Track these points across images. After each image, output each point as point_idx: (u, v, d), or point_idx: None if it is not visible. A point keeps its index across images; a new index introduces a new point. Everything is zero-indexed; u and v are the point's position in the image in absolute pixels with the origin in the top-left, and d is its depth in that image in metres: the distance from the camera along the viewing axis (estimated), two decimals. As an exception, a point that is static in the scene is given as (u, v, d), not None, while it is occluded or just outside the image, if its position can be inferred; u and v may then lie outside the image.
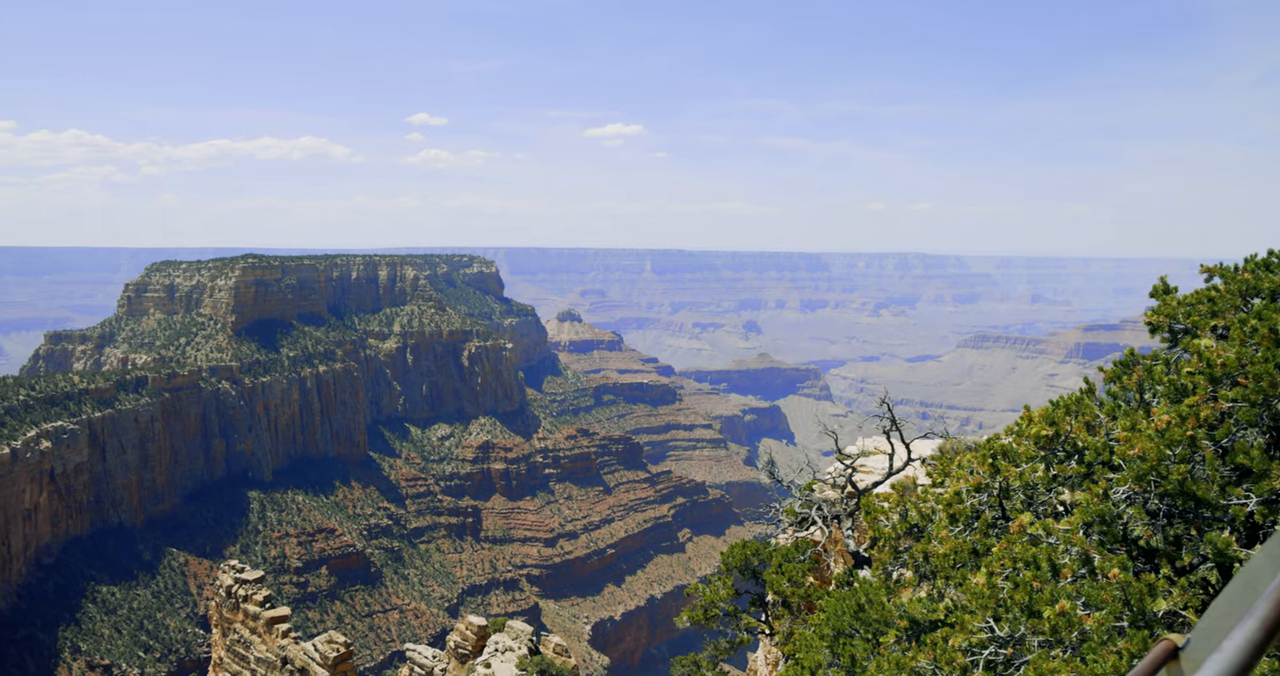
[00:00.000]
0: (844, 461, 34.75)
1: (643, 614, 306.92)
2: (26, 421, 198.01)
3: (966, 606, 17.22)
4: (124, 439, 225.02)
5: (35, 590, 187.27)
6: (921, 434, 34.80)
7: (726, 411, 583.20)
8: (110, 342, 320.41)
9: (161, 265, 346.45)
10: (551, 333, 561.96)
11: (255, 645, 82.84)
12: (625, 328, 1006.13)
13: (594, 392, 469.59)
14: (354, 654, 77.35)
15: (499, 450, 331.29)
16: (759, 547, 33.02)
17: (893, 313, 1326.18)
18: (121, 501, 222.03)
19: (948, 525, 20.89)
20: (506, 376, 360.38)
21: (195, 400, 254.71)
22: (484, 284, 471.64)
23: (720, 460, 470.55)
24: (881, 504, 25.33)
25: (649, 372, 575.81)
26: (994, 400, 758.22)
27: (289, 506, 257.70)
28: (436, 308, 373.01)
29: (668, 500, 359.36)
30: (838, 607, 22.31)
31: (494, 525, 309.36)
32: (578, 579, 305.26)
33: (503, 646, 66.43)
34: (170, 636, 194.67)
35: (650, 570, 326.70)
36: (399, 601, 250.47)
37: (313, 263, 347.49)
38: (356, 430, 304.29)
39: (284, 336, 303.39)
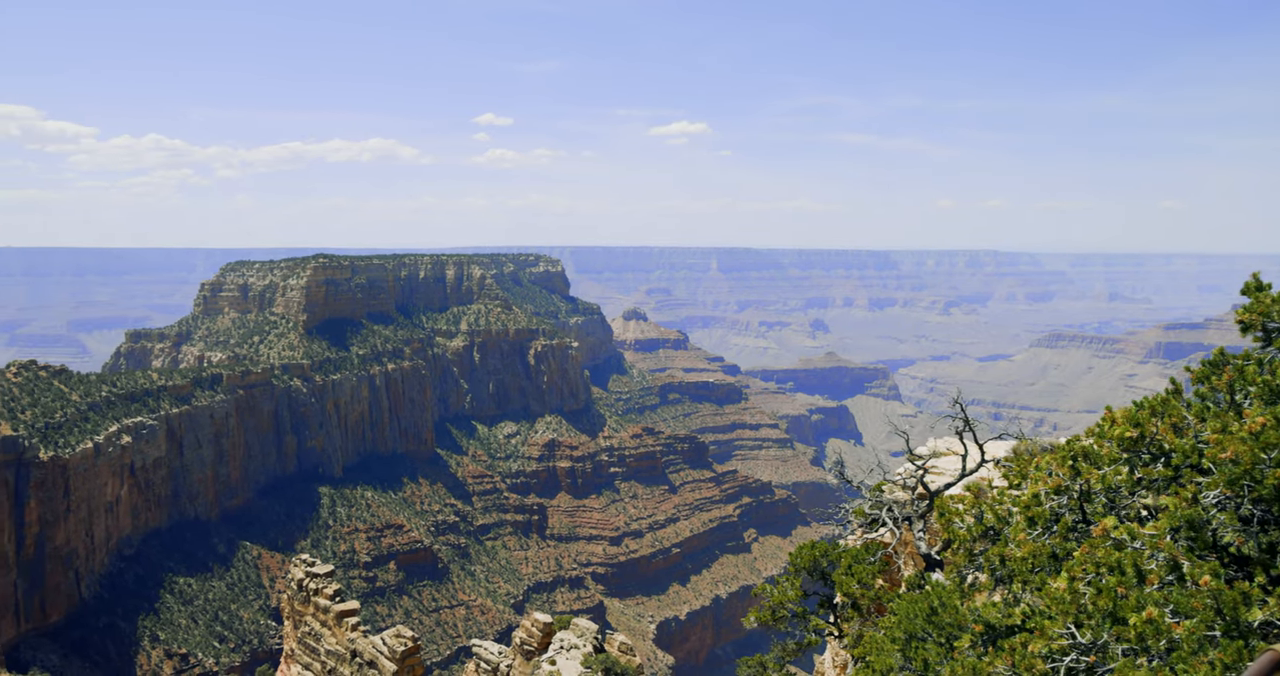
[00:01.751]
0: (915, 462, 34.05)
1: (708, 613, 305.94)
2: (109, 417, 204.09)
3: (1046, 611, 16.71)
4: (200, 434, 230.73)
5: (117, 580, 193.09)
6: (995, 435, 33.93)
7: (793, 411, 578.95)
8: (187, 341, 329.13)
9: (235, 265, 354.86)
10: (617, 331, 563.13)
11: (325, 638, 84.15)
12: (691, 326, 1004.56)
13: (659, 391, 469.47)
14: (421, 648, 78.17)
15: (565, 448, 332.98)
16: (828, 548, 32.49)
17: (963, 311, 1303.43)
18: (198, 495, 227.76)
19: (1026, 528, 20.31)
20: (572, 375, 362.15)
21: (268, 397, 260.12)
22: (550, 283, 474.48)
23: (786, 460, 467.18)
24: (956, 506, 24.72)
25: (714, 371, 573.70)
26: (1069, 401, 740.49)
27: (358, 502, 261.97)
28: (503, 306, 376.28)
29: (733, 500, 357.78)
30: (910, 610, 21.85)
31: (559, 523, 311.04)
32: (643, 578, 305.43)
33: (568, 644, 66.59)
34: (244, 627, 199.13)
35: (715, 570, 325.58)
36: (465, 597, 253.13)
37: (381, 262, 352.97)
38: (424, 427, 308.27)
39: (354, 335, 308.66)
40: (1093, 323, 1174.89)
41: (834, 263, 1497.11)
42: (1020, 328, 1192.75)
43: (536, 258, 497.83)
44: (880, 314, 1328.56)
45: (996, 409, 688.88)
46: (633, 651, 66.09)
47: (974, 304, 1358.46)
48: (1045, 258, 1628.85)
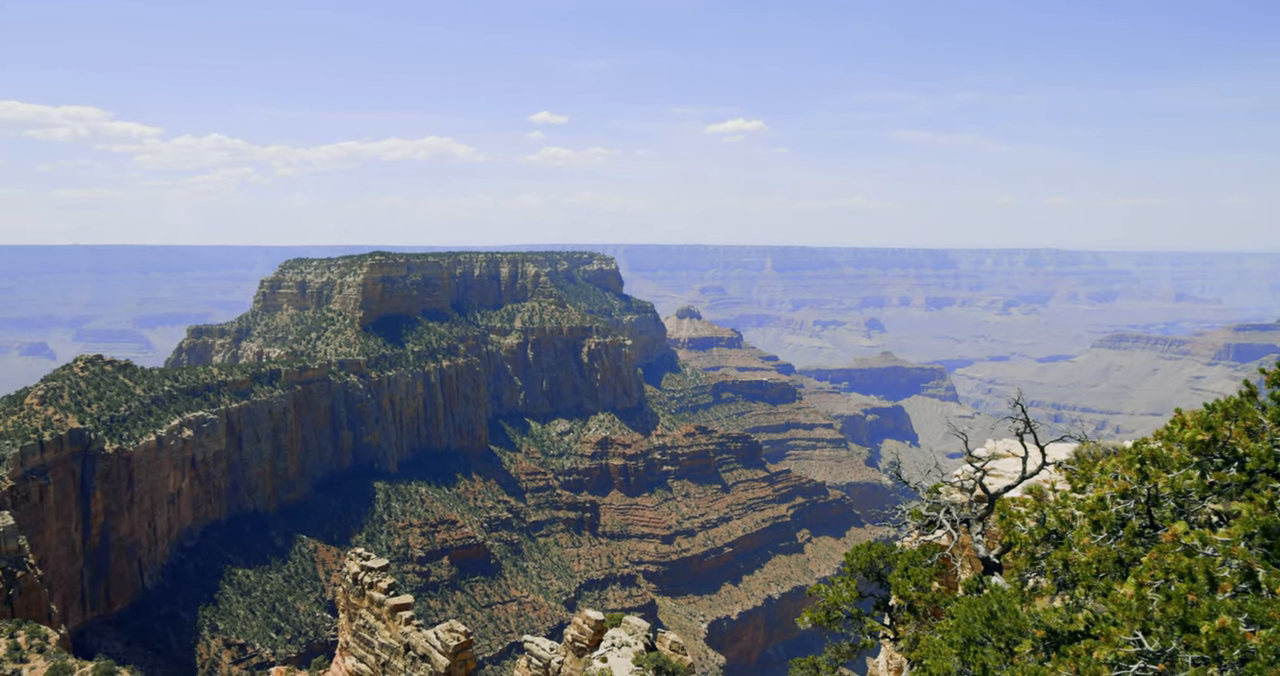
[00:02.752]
0: (973, 464, 33.38)
1: (760, 614, 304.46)
2: (171, 411, 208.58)
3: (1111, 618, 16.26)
4: (258, 429, 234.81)
5: (178, 570, 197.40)
6: (1056, 437, 33.13)
7: (848, 411, 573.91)
8: (246, 337, 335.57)
9: (294, 263, 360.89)
10: (670, 330, 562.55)
11: (379, 631, 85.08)
12: (745, 325, 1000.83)
13: (713, 390, 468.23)
14: (474, 643, 78.67)
15: (617, 446, 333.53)
16: (884, 550, 32.01)
17: (1023, 311, 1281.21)
18: (256, 488, 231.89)
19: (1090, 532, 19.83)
20: (625, 373, 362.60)
21: (325, 393, 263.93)
22: (604, 281, 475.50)
23: (841, 460, 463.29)
24: (1017, 508, 24.20)
25: (768, 370, 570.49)
26: (1133, 403, 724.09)
27: (412, 497, 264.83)
28: (557, 304, 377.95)
29: (786, 500, 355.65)
30: (968, 614, 21.47)
31: (611, 520, 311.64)
32: (694, 577, 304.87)
33: (619, 641, 66.53)
34: (300, 619, 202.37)
35: (768, 570, 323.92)
36: (517, 593, 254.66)
37: (437, 260, 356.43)
38: (478, 424, 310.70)
39: (409, 332, 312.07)
40: (1158, 323, 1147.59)
41: (890, 261, 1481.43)
42: (1082, 328, 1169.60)
43: (590, 256, 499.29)
44: (937, 313, 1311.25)
45: (1057, 411, 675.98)
46: (684, 650, 65.86)
47: (1034, 303, 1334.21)
48: (1109, 256, 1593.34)
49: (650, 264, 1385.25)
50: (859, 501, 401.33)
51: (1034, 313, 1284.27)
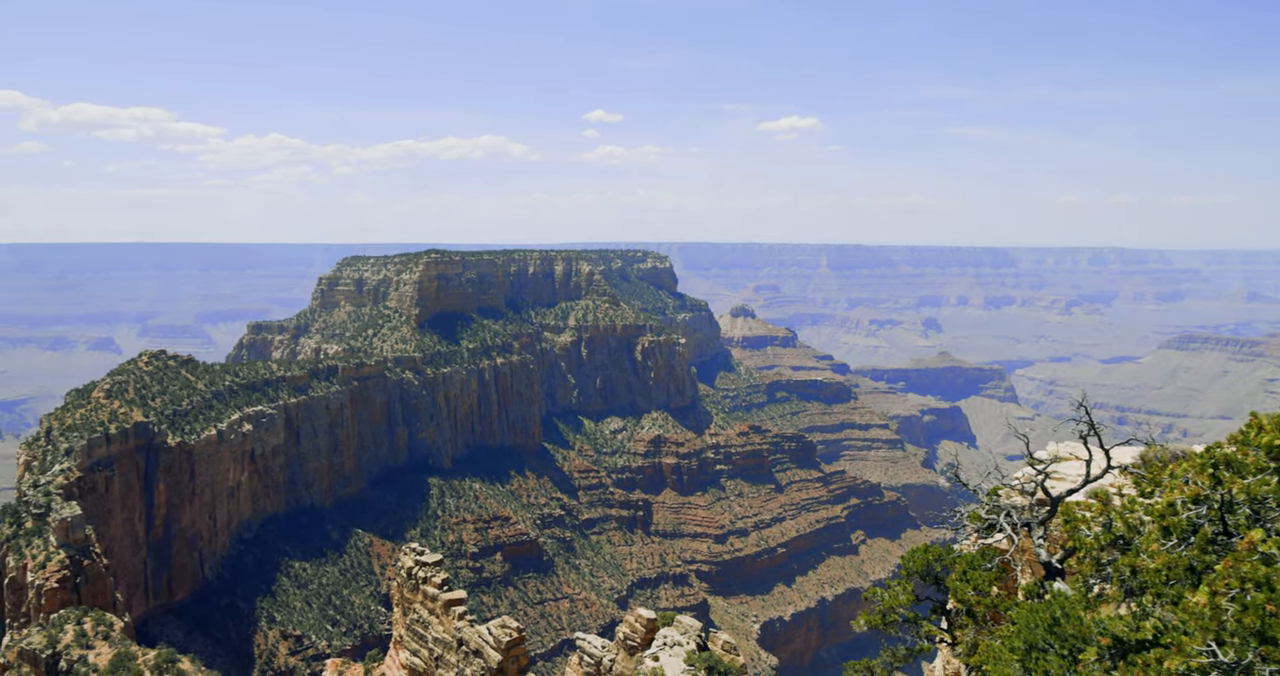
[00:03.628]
0: (1035, 466, 32.64)
1: (813, 615, 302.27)
2: (231, 405, 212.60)
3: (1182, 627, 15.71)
4: (316, 424, 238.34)
5: (237, 562, 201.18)
6: (1122, 440, 32.20)
7: (904, 411, 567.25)
8: (305, 333, 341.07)
9: (351, 260, 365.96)
10: (724, 328, 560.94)
11: (433, 625, 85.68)
12: (799, 324, 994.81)
13: (767, 389, 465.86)
14: (526, 639, 78.83)
15: (670, 445, 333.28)
16: (941, 553, 31.40)
17: (1086, 311, 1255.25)
18: (313, 483, 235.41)
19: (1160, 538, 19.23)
20: (679, 371, 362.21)
21: (381, 389, 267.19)
22: (657, 279, 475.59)
23: (896, 461, 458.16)
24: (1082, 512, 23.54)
25: (823, 370, 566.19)
26: (1201, 406, 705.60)
27: (466, 493, 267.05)
28: (610, 302, 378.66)
29: (841, 500, 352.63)
30: (1030, 620, 21.04)
31: (664, 519, 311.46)
32: (747, 577, 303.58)
33: (671, 641, 66.20)
34: (355, 612, 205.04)
35: (821, 571, 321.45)
36: (570, 590, 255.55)
37: (491, 258, 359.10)
38: (531, 421, 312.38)
39: (464, 329, 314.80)
40: (1229, 323, 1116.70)
41: (948, 260, 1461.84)
42: (1148, 328, 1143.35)
43: (644, 254, 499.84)
44: (996, 313, 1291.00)
45: (1121, 413, 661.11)
46: (736, 650, 65.34)
47: (1097, 303, 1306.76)
48: (1177, 255, 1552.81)
49: (704, 262, 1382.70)
50: (915, 503, 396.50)
51: (1097, 313, 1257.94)
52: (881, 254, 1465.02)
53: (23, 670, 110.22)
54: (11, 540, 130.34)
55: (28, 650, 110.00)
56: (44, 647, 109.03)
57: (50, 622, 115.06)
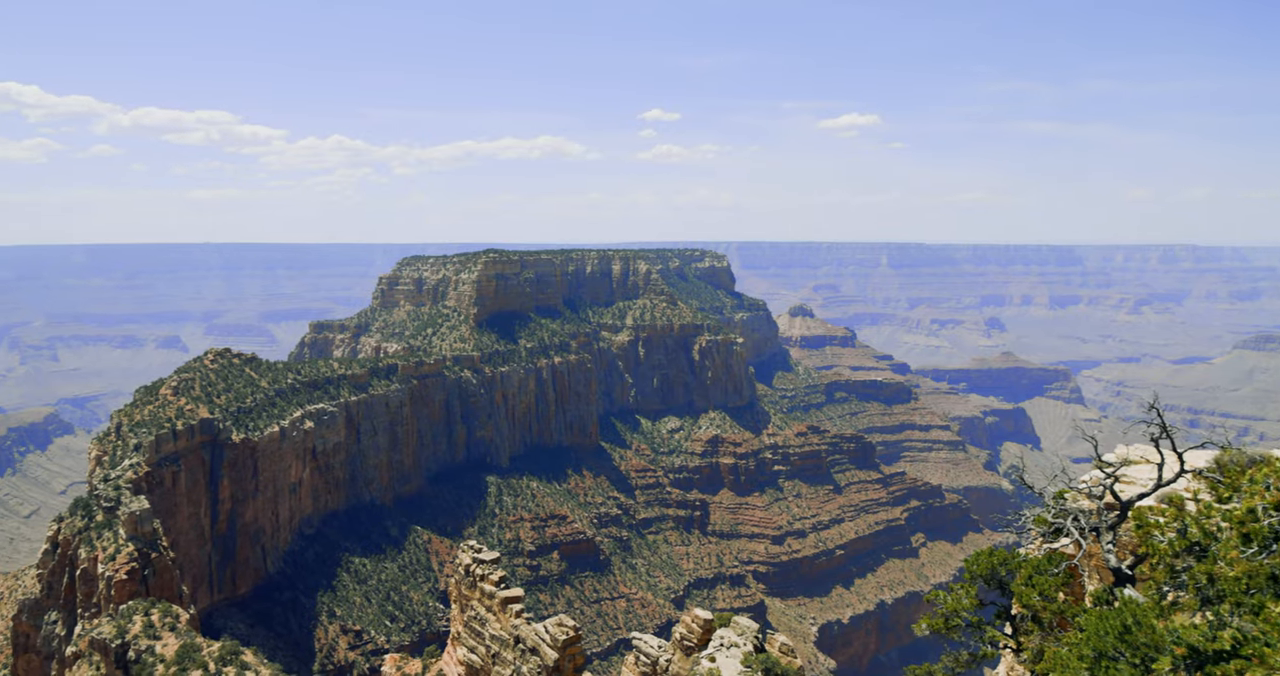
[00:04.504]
0: (1103, 469, 31.67)
1: (872, 618, 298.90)
2: (294, 403, 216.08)
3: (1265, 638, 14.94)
4: (376, 422, 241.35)
5: (298, 557, 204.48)
6: (1196, 444, 31.12)
7: (965, 412, 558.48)
8: (365, 332, 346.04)
9: (411, 260, 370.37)
10: (783, 328, 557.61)
11: (490, 622, 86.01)
12: (859, 323, 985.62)
13: (825, 389, 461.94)
14: (582, 638, 78.79)
15: (728, 445, 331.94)
16: (1006, 557, 30.55)
17: (1155, 310, 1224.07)
18: (373, 480, 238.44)
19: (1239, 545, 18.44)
20: (737, 371, 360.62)
21: (440, 387, 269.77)
22: (715, 278, 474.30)
23: (958, 463, 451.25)
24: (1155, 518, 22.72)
25: (883, 370, 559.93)
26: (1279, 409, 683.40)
27: (524, 492, 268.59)
28: (668, 301, 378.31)
29: (901, 502, 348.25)
30: (1100, 627, 20.36)
31: (721, 519, 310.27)
32: (805, 578, 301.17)
33: (728, 642, 65.71)
34: (413, 608, 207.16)
35: (881, 574, 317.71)
36: (626, 590, 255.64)
37: (549, 257, 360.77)
38: (589, 420, 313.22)
39: (522, 328, 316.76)
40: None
41: (1012, 258, 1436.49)
42: (1221, 328, 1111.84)
43: (702, 253, 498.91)
44: (1062, 312, 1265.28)
45: (1193, 416, 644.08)
46: (793, 652, 64.60)
47: (1168, 302, 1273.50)
48: (1253, 252, 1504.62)
49: (762, 261, 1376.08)
50: (977, 506, 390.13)
51: (1168, 312, 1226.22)
52: (943, 252, 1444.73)
53: (94, 659, 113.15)
54: (83, 532, 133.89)
55: (98, 639, 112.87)
56: (114, 637, 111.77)
57: (119, 613, 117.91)
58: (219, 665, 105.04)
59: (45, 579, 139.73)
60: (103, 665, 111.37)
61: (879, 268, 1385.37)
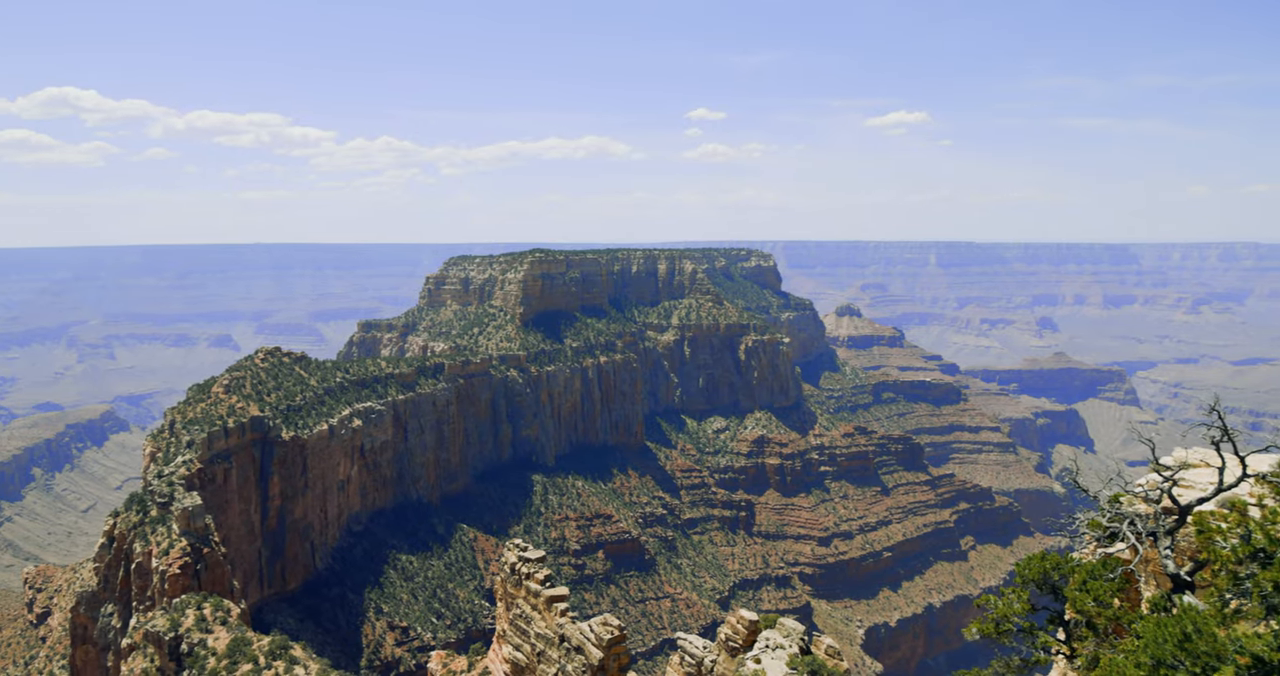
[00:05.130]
0: (1161, 473, 30.94)
1: (919, 622, 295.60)
2: (342, 401, 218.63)
3: (1335, 651, 14.21)
4: (423, 420, 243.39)
5: (346, 554, 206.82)
6: (1260, 447, 30.24)
7: (1016, 413, 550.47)
8: (412, 331, 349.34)
9: (457, 260, 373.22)
10: (829, 328, 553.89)
11: (535, 621, 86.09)
12: (907, 323, 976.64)
13: (873, 390, 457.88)
14: (627, 637, 78.49)
15: (774, 445, 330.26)
16: (1059, 561, 29.85)
17: (1215, 309, 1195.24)
18: (419, 478, 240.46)
19: (1308, 551, 17.66)
20: (783, 371, 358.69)
21: (486, 386, 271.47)
22: (761, 277, 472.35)
23: (1008, 465, 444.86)
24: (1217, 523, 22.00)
25: (931, 370, 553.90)
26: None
27: (569, 491, 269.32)
28: (714, 301, 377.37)
29: (949, 505, 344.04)
30: (1158, 634, 19.79)
31: (767, 520, 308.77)
32: (851, 581, 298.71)
33: (773, 643, 65.01)
34: (459, 605, 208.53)
35: (929, 577, 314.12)
36: (671, 590, 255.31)
37: (595, 257, 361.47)
38: (634, 420, 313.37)
39: (567, 327, 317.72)
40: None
41: (1064, 257, 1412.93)
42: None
43: (748, 252, 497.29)
44: (1116, 312, 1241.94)
45: (1255, 418, 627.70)
46: (840, 655, 63.78)
47: (1228, 301, 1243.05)
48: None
49: (809, 260, 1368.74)
50: (1028, 509, 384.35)
51: (1228, 311, 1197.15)
52: (993, 251, 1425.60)
53: (148, 651, 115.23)
54: (138, 527, 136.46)
55: (152, 632, 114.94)
56: (167, 630, 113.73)
57: (173, 607, 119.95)
58: (269, 659, 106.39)
59: (102, 572, 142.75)
60: (156, 657, 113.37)
61: (927, 267, 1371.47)
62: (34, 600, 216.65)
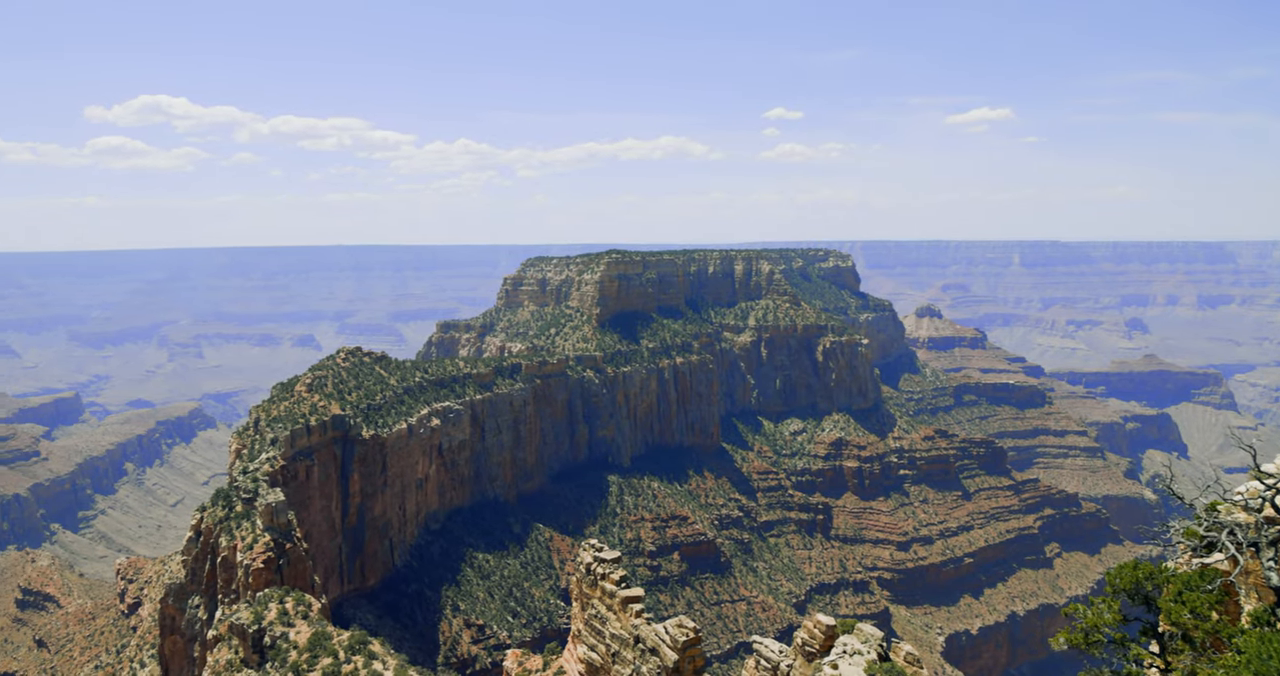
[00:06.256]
0: (1264, 480, 29.46)
1: (1002, 630, 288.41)
2: (421, 401, 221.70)
3: None
4: (500, 420, 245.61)
5: (424, 551, 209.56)
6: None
7: (1104, 417, 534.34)
8: (490, 332, 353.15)
9: (534, 261, 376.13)
10: (909, 329, 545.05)
11: (610, 621, 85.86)
12: (989, 324, 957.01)
13: (954, 392, 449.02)
14: (702, 640, 77.87)
15: (852, 447, 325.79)
16: (1152, 570, 28.47)
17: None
18: (496, 477, 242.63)
19: None
20: (861, 372, 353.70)
21: (562, 387, 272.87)
22: (839, 278, 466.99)
23: (1096, 471, 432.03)
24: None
25: (1015, 373, 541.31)
26: None
27: (645, 492, 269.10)
28: (791, 302, 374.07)
29: (1033, 510, 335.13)
30: (1261, 650, 18.53)
31: (844, 524, 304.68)
32: (931, 586, 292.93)
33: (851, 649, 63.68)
34: (535, 604, 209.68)
35: (1012, 584, 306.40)
36: (747, 593, 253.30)
37: (671, 258, 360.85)
38: (710, 421, 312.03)
39: (643, 328, 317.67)
40: None
41: (1156, 256, 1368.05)
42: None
43: (826, 252, 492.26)
44: (1212, 313, 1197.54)
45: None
46: (919, 662, 62.18)
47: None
48: None
49: (888, 261, 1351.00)
50: (1116, 516, 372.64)
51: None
52: (1080, 250, 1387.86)
53: (232, 642, 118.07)
54: (223, 522, 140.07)
55: (237, 624, 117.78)
56: (251, 623, 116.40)
57: (256, 600, 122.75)
58: (348, 653, 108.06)
59: (189, 565, 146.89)
60: (241, 649, 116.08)
61: (1011, 267, 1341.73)
62: (125, 590, 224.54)
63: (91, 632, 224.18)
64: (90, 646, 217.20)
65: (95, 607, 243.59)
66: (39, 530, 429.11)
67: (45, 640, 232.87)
